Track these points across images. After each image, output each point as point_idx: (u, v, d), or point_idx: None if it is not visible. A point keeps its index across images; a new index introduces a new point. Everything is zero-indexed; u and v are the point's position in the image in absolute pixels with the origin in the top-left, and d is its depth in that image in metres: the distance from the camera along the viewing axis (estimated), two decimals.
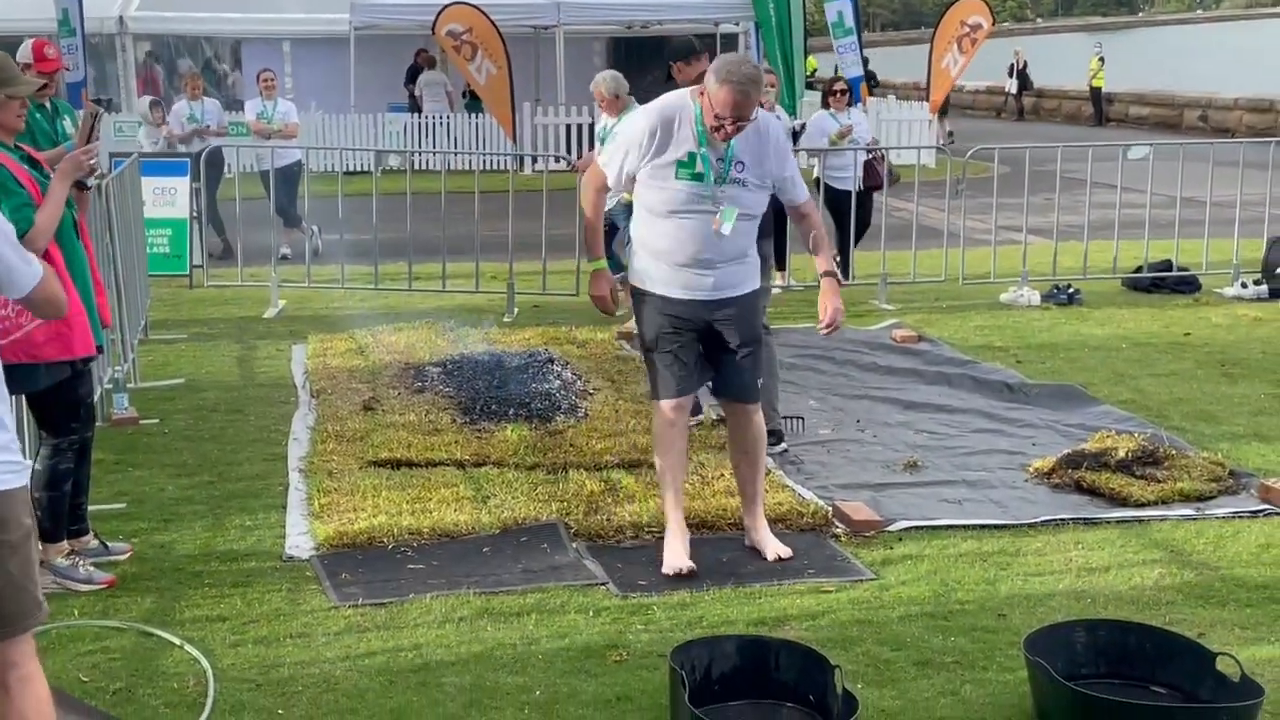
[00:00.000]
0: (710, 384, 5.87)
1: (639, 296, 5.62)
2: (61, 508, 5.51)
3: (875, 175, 12.20)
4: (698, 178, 5.38)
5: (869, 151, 12.13)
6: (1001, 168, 12.53)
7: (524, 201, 11.40)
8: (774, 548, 5.66)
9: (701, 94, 5.34)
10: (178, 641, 4.84)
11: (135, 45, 23.27)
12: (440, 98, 23.56)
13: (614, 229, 10.15)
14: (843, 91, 12.35)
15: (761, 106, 5.49)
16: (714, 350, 5.63)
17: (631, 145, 5.50)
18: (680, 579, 5.41)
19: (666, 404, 5.58)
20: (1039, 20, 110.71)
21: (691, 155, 5.38)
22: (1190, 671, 4.35)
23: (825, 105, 12.54)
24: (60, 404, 5.42)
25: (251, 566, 5.59)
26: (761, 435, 5.79)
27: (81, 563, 5.47)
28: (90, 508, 6.16)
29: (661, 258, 5.50)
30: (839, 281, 5.68)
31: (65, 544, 5.51)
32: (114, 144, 13.10)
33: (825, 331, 5.64)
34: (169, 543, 5.85)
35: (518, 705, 4.41)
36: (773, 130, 5.55)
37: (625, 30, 25.24)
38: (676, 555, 5.52)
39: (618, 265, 10.27)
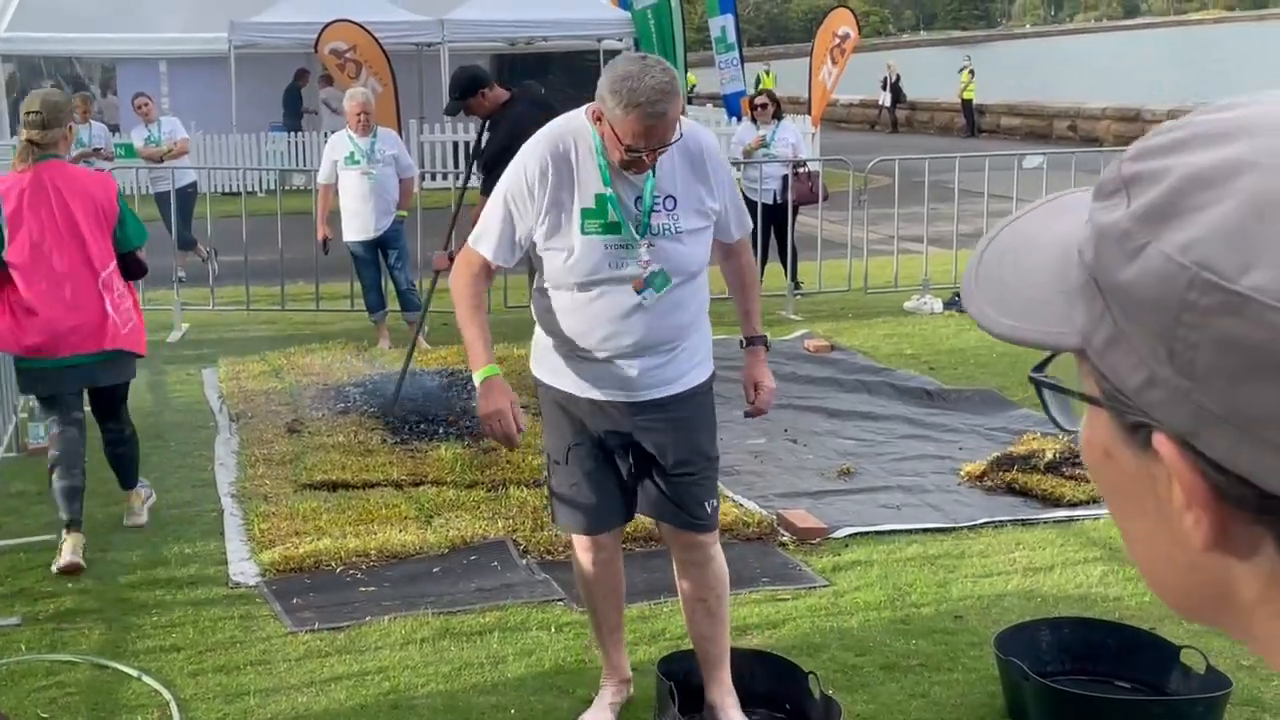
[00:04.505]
0: (642, 501, 4.25)
1: (541, 392, 4.25)
2: None
3: (800, 190, 11.93)
4: (612, 229, 3.90)
5: (795, 166, 11.98)
6: (884, 179, 12.73)
7: (426, 218, 11.36)
8: None
9: (598, 119, 3.84)
10: (135, 673, 4.72)
11: (3, 66, 22.71)
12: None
13: (390, 247, 10.04)
14: (764, 105, 12.34)
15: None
16: (643, 465, 4.14)
17: (517, 198, 3.94)
18: (635, 591, 5.39)
19: (580, 540, 4.25)
20: (901, 34, 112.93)
21: (601, 199, 3.90)
22: (1155, 666, 4.46)
23: (754, 118, 12.54)
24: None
25: (198, 594, 5.48)
26: (723, 576, 4.26)
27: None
28: (19, 540, 6.05)
29: (568, 344, 4.03)
30: (767, 349, 4.46)
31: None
32: None
33: (750, 414, 4.45)
34: (108, 573, 5.70)
35: None
36: (706, 147, 4.06)
37: (509, 48, 25.24)
38: (599, 712, 4.38)
39: (409, 301, 10.17)
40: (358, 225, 9.96)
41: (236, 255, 12.05)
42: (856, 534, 6.09)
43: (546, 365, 4.16)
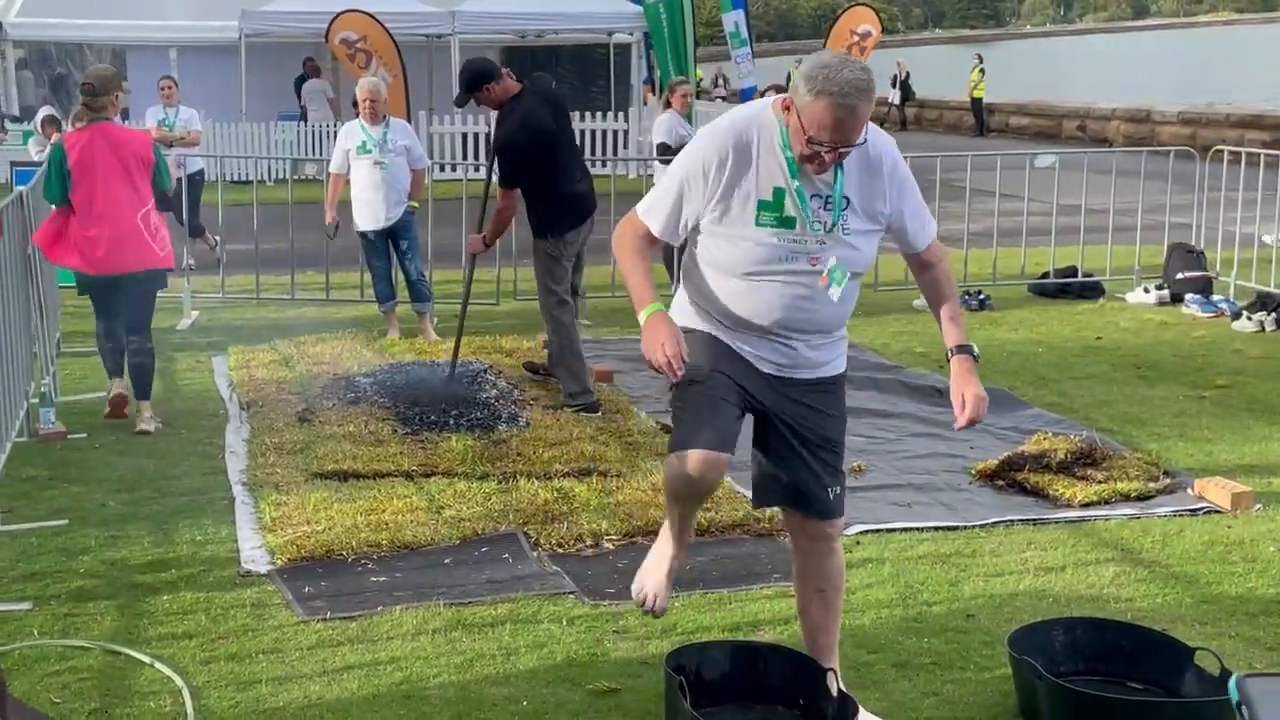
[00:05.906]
0: (761, 487, 4.30)
1: (688, 333, 4.04)
2: None
3: None
4: (787, 223, 3.90)
5: None
6: None
7: (436, 210, 11.37)
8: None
9: (787, 108, 3.88)
10: (147, 660, 4.72)
11: (14, 52, 22.72)
12: (323, 105, 23.37)
13: (401, 238, 10.03)
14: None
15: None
16: (773, 441, 4.15)
17: (691, 180, 3.96)
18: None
19: (693, 455, 3.95)
20: (912, 32, 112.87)
21: (779, 192, 3.89)
22: (1168, 667, 4.44)
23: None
24: None
25: (210, 581, 5.48)
26: (842, 570, 4.33)
27: None
28: (31, 525, 6.05)
29: (732, 323, 4.06)
30: (975, 359, 4.14)
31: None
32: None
33: (962, 426, 4.08)
34: (120, 559, 5.70)
35: (507, 715, 4.37)
36: (885, 153, 4.01)
37: (519, 40, 25.23)
38: (654, 576, 4.36)
39: (419, 292, 10.19)
40: (369, 215, 9.95)
41: (247, 244, 12.06)
42: (868, 531, 6.08)
43: (701, 322, 4.12)
